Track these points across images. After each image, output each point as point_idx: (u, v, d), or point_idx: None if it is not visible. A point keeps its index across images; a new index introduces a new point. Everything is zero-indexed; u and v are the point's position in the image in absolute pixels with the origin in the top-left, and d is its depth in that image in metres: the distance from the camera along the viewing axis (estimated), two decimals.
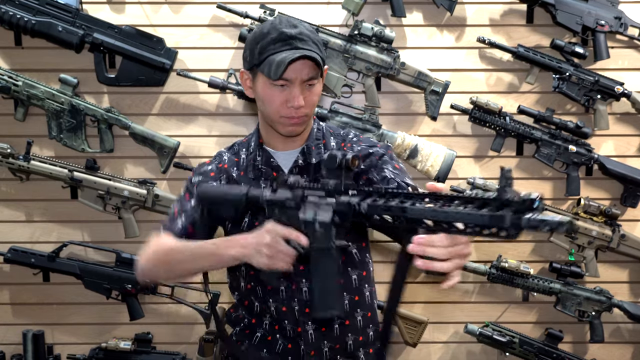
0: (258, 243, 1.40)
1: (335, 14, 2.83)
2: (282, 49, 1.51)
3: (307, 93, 1.56)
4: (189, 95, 2.85)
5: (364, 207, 1.24)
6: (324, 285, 1.34)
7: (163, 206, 2.78)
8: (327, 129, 1.72)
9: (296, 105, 1.54)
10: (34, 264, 2.79)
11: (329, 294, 1.34)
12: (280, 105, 1.56)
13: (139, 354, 2.82)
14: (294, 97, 1.54)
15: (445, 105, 2.83)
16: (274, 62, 1.50)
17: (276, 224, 1.40)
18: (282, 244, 1.38)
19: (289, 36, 1.52)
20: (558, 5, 2.80)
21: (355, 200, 1.26)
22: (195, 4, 2.81)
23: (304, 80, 1.55)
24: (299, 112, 1.56)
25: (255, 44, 1.55)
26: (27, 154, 2.72)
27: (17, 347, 2.88)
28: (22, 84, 2.71)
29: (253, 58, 1.56)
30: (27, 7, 2.67)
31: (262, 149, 1.67)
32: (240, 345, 1.71)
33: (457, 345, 3.01)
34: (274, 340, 1.66)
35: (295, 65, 1.52)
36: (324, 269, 1.34)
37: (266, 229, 1.41)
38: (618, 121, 2.95)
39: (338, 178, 1.33)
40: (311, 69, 1.54)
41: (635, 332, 3.04)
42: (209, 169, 1.70)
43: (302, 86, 1.55)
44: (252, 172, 1.66)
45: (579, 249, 2.92)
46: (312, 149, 1.66)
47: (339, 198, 1.31)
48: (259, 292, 1.65)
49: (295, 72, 1.53)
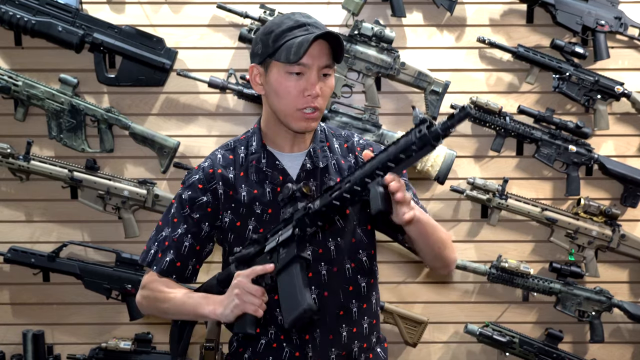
0: (229, 296, 1.48)
1: (335, 14, 2.83)
2: (299, 34, 1.50)
3: (322, 84, 1.55)
4: (189, 95, 2.85)
5: (316, 204, 1.39)
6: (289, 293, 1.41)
7: (163, 206, 2.77)
8: (329, 131, 1.70)
9: (314, 93, 1.52)
10: (34, 264, 2.79)
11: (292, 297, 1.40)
12: (296, 96, 1.53)
13: (139, 354, 2.82)
14: (312, 83, 1.52)
15: (445, 105, 2.83)
16: (293, 44, 1.49)
17: (237, 273, 1.48)
18: (249, 284, 1.45)
19: (306, 23, 1.52)
20: (558, 5, 2.80)
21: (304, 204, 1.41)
22: (195, 4, 2.81)
23: (321, 67, 1.53)
24: (316, 102, 1.53)
25: (269, 34, 1.53)
26: (27, 154, 2.72)
27: (17, 347, 2.88)
28: (22, 84, 2.71)
29: (267, 48, 1.53)
30: (27, 7, 2.67)
31: (266, 150, 1.63)
32: (242, 353, 1.68)
33: (457, 345, 3.01)
34: (279, 348, 1.63)
35: (312, 50, 1.50)
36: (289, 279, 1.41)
37: (233, 285, 1.48)
38: (618, 121, 2.95)
39: (293, 205, 1.43)
40: (328, 57, 1.53)
41: (635, 332, 3.04)
42: (197, 180, 1.64)
43: (318, 74, 1.53)
44: (256, 174, 1.62)
45: (579, 249, 2.92)
46: (319, 152, 1.63)
47: (295, 214, 1.42)
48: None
49: (313, 58, 1.51)
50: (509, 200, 2.85)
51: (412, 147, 1.25)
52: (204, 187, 1.62)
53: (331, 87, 1.58)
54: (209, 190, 1.62)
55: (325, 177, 1.61)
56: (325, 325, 1.62)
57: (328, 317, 1.62)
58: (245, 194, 1.61)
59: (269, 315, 1.62)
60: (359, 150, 1.68)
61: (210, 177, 1.63)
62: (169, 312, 1.63)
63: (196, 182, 1.63)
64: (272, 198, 1.60)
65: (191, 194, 1.63)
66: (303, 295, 1.38)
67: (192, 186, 1.63)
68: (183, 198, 1.63)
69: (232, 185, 1.62)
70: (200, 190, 1.62)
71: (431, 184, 2.89)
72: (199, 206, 1.62)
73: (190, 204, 1.62)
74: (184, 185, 1.66)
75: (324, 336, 1.62)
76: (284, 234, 1.43)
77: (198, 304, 1.55)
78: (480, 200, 2.85)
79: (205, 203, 1.62)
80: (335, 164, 1.65)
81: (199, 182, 1.63)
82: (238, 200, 1.61)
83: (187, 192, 1.63)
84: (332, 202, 1.37)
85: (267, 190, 1.61)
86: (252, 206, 1.60)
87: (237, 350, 1.69)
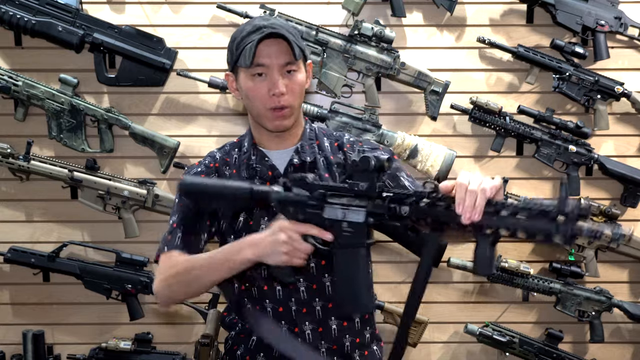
0: (274, 241, 1.41)
1: (335, 14, 2.83)
2: (255, 37, 1.54)
3: (288, 81, 1.57)
4: (189, 95, 2.85)
5: (404, 210, 1.28)
6: (355, 282, 1.39)
7: (163, 206, 2.78)
8: (319, 130, 1.73)
9: (277, 91, 1.55)
10: (34, 264, 2.79)
11: (361, 290, 1.39)
12: (263, 97, 1.57)
13: (139, 354, 2.82)
14: (273, 83, 1.55)
15: (445, 105, 2.83)
16: (247, 49, 1.53)
17: (288, 222, 1.41)
18: (299, 240, 1.39)
19: (262, 26, 1.55)
20: (558, 5, 2.80)
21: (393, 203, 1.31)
22: (195, 4, 2.81)
23: (281, 66, 1.56)
24: (283, 101, 1.56)
25: (233, 42, 1.59)
26: (27, 154, 2.72)
27: (17, 347, 2.88)
28: (22, 84, 2.71)
29: (232, 55, 1.59)
30: (27, 7, 2.67)
31: (256, 148, 1.67)
32: (236, 350, 1.69)
33: (457, 345, 3.01)
34: (270, 345, 1.64)
35: (269, 50, 1.54)
36: (355, 266, 1.38)
37: (279, 227, 1.41)
38: (618, 121, 2.95)
39: (369, 180, 1.33)
40: (286, 54, 1.56)
41: (635, 332, 3.04)
42: (199, 171, 1.68)
43: (281, 73, 1.56)
44: (246, 171, 1.65)
45: (579, 249, 2.91)
46: (306, 148, 1.66)
47: (374, 200, 1.33)
48: (254, 293, 1.64)
49: (270, 57, 1.55)
50: (509, 200, 2.84)
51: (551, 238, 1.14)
52: (206, 177, 1.67)
53: (300, 83, 1.59)
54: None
55: (314, 172, 1.63)
56: (314, 317, 1.63)
57: (317, 310, 1.63)
58: None
59: (259, 306, 1.64)
60: (347, 147, 1.69)
61: (210, 171, 1.68)
62: (200, 277, 1.52)
63: (199, 172, 1.68)
64: None
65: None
66: (369, 293, 1.42)
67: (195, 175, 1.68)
68: None
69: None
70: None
71: None
72: None
73: None
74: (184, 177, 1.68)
75: (314, 329, 1.63)
76: (353, 213, 1.36)
77: (233, 251, 1.48)
78: None
79: None
80: (324, 160, 1.67)
81: (201, 173, 1.68)
82: None
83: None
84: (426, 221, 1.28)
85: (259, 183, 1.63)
86: None
87: (231, 348, 1.71)
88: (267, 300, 1.63)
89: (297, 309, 1.62)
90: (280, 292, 1.62)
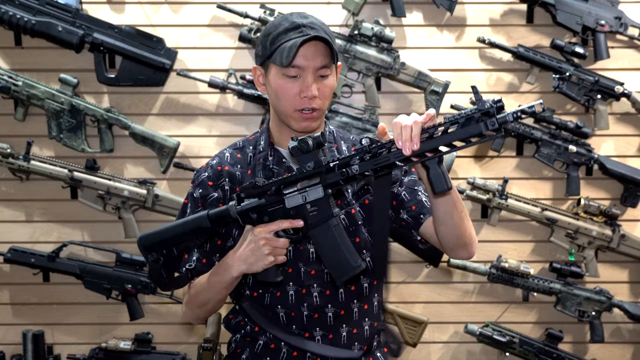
0: (254, 249, 1.45)
1: (335, 14, 2.83)
2: (293, 37, 1.51)
3: (320, 84, 1.54)
4: (189, 95, 2.85)
5: (355, 169, 1.38)
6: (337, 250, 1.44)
7: (163, 206, 2.78)
8: (337, 133, 1.71)
9: (310, 94, 1.52)
10: (34, 264, 2.79)
11: (345, 255, 1.44)
12: (294, 97, 1.54)
13: (139, 354, 2.82)
14: (307, 85, 1.52)
15: (445, 105, 2.83)
16: (285, 48, 1.50)
17: (257, 227, 1.46)
18: (275, 238, 1.45)
19: (300, 24, 1.52)
20: (558, 5, 2.80)
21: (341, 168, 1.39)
22: (195, 4, 2.81)
23: (317, 69, 1.53)
24: (313, 103, 1.54)
25: (267, 36, 1.55)
26: (27, 154, 2.72)
27: (17, 347, 2.88)
28: (22, 84, 2.71)
29: (265, 50, 1.55)
30: (27, 7, 2.67)
31: (273, 148, 1.64)
32: (240, 354, 1.67)
33: (457, 345, 3.01)
34: (277, 348, 1.62)
35: (306, 52, 1.51)
36: (332, 237, 1.44)
37: (254, 234, 1.45)
38: (618, 121, 2.95)
39: (314, 158, 1.41)
40: (323, 57, 1.53)
41: (635, 332, 3.04)
42: (206, 177, 1.65)
43: (314, 76, 1.53)
44: (262, 172, 1.62)
45: (579, 249, 2.92)
46: (326, 151, 1.62)
47: (326, 174, 1.41)
48: (266, 299, 1.63)
49: (307, 59, 1.52)
50: (509, 200, 2.85)
51: (482, 133, 1.26)
52: (214, 184, 1.64)
53: (331, 87, 1.58)
54: (219, 186, 1.63)
55: None
56: (325, 323, 1.61)
57: (328, 316, 1.61)
58: None
59: (271, 312, 1.62)
60: None
61: (219, 174, 1.64)
62: (208, 299, 1.59)
63: (205, 179, 1.65)
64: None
65: (202, 192, 1.64)
66: (353, 254, 1.45)
67: (202, 184, 1.65)
68: (195, 196, 1.65)
69: (238, 182, 1.63)
70: (211, 187, 1.64)
71: None
72: (210, 203, 1.63)
73: (202, 201, 1.63)
74: (193, 184, 1.67)
75: (324, 335, 1.61)
76: (312, 192, 1.42)
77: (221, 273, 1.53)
78: (480, 200, 2.85)
79: (216, 199, 1.63)
80: None
81: (209, 180, 1.64)
82: None
83: (197, 190, 1.64)
84: (377, 169, 1.37)
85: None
86: None
87: (235, 352, 1.69)
88: (279, 306, 1.61)
89: (309, 314, 1.60)
90: (292, 297, 1.60)
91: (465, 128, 1.27)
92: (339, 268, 1.46)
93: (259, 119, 2.82)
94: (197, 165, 2.81)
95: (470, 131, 1.27)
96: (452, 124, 1.29)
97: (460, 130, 1.28)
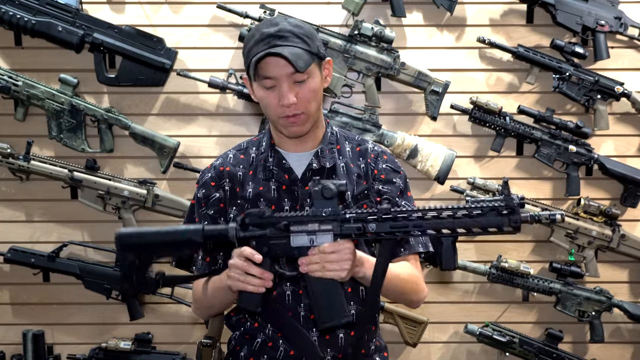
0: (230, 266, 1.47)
1: (335, 14, 2.83)
2: (260, 49, 1.51)
3: (298, 89, 1.54)
4: (189, 95, 2.85)
5: (371, 227, 1.38)
6: (330, 297, 1.43)
7: (163, 206, 2.78)
8: (341, 134, 1.71)
9: (286, 103, 1.53)
10: (34, 264, 2.79)
11: (334, 303, 1.43)
12: (275, 107, 1.56)
13: (139, 354, 2.82)
14: (282, 95, 1.53)
15: (445, 105, 2.83)
16: (253, 62, 1.52)
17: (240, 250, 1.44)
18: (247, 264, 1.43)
19: (268, 35, 1.51)
20: (558, 5, 2.80)
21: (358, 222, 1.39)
22: (195, 4, 2.81)
23: (289, 75, 1.52)
24: (293, 110, 1.55)
25: (245, 48, 1.57)
26: (27, 154, 2.72)
27: (17, 347, 2.88)
28: (22, 84, 2.71)
29: (245, 62, 1.58)
30: (27, 7, 2.67)
31: (274, 149, 1.66)
32: (239, 351, 1.68)
33: (457, 345, 3.01)
34: (275, 347, 1.63)
35: (276, 62, 1.51)
36: (328, 283, 1.42)
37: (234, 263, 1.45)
38: (618, 121, 2.95)
39: (332, 206, 1.40)
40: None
41: (635, 332, 3.04)
42: (209, 178, 1.68)
43: (289, 83, 1.53)
44: (263, 172, 1.64)
45: (579, 249, 2.92)
46: (326, 153, 1.64)
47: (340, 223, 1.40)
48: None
49: (277, 69, 1.51)
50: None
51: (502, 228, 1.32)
52: (216, 185, 1.67)
53: (313, 89, 1.56)
54: (221, 187, 1.67)
55: (332, 178, 1.62)
56: None
57: None
58: (252, 190, 1.65)
59: (268, 313, 1.63)
60: (372, 157, 1.68)
61: (220, 175, 1.68)
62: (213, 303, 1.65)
63: (208, 180, 1.68)
64: (277, 195, 1.63)
65: (205, 192, 1.68)
66: (343, 305, 1.44)
67: (205, 184, 1.68)
68: (199, 197, 1.69)
69: (239, 182, 1.66)
70: (213, 188, 1.67)
71: (431, 184, 2.89)
72: (212, 203, 1.66)
73: (205, 201, 1.67)
74: (198, 184, 1.71)
75: (320, 336, 1.62)
76: (321, 237, 1.41)
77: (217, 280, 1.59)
78: None
79: (217, 199, 1.66)
80: (344, 166, 1.66)
81: (212, 180, 1.68)
82: (243, 197, 1.65)
83: (201, 191, 1.69)
84: (393, 233, 1.38)
85: (272, 188, 1.64)
86: (256, 202, 1.63)
87: (234, 349, 1.71)
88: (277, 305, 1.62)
89: (306, 315, 1.61)
90: (289, 297, 1.61)
91: (488, 218, 1.32)
92: (327, 314, 1.44)
93: (259, 119, 2.82)
94: (197, 165, 2.81)
95: (492, 222, 1.32)
96: (475, 210, 1.33)
97: (483, 218, 1.32)
